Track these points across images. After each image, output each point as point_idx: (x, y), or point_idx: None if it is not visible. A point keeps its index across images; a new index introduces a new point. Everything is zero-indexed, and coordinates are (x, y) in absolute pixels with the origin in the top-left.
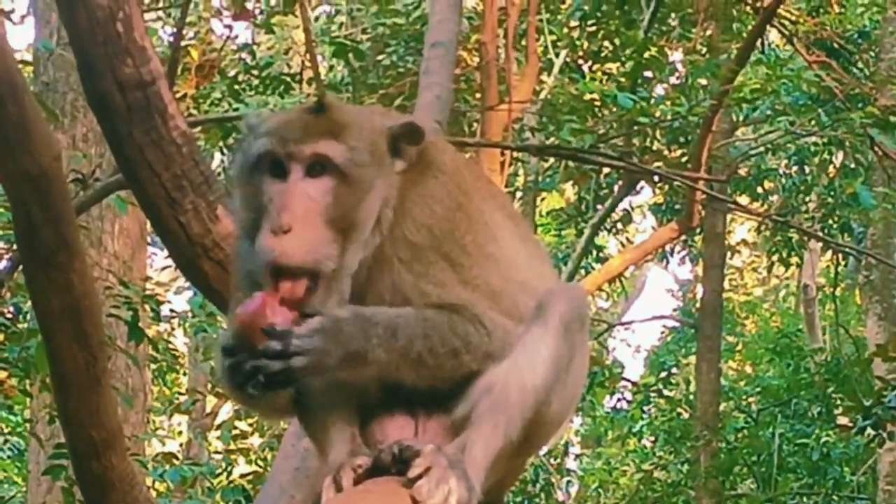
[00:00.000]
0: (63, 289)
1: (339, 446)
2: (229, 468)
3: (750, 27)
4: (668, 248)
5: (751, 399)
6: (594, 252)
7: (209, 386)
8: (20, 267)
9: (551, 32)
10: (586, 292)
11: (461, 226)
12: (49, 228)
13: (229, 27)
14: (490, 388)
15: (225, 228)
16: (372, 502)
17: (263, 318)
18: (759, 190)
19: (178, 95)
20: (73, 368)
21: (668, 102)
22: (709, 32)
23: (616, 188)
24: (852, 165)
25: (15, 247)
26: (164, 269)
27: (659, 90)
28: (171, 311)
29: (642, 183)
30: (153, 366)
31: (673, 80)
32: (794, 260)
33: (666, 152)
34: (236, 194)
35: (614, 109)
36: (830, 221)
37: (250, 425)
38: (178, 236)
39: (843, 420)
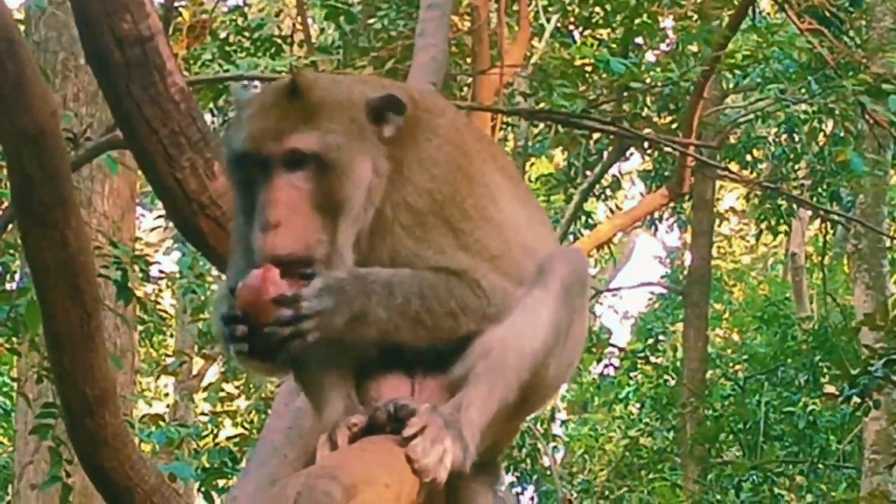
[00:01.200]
0: (58, 245)
1: (334, 404)
2: (216, 430)
3: None
4: (656, 215)
5: (737, 367)
6: (583, 218)
7: (196, 348)
8: (7, 227)
9: None
10: (586, 257)
11: (461, 189)
12: (46, 185)
13: None
14: (488, 350)
15: (221, 185)
16: (367, 461)
17: (266, 290)
18: (749, 158)
19: None
20: (67, 325)
21: (659, 69)
22: None
23: (605, 154)
24: (842, 134)
25: (4, 205)
26: (153, 230)
27: (650, 57)
28: (161, 271)
29: (632, 150)
30: (140, 327)
31: (664, 46)
32: (783, 228)
33: (656, 119)
34: (228, 175)
35: (605, 75)
36: (819, 190)
37: (237, 388)
38: (174, 193)
39: (829, 388)
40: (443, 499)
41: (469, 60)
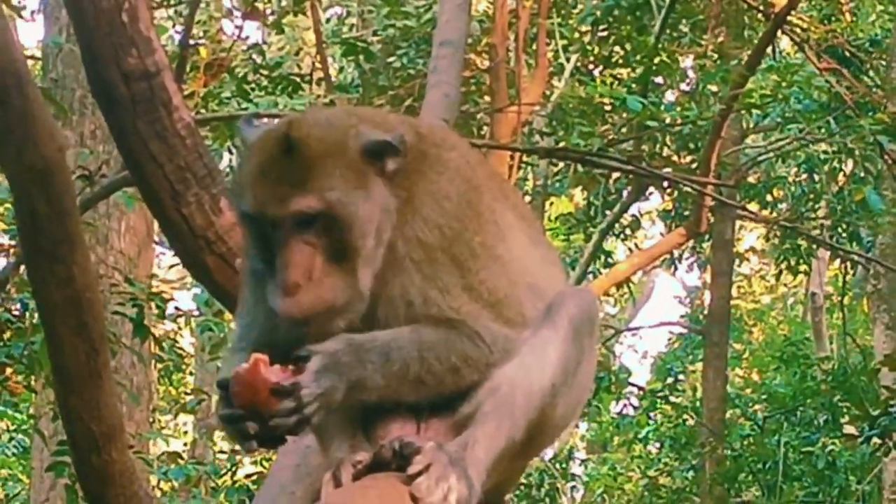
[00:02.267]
0: (65, 281)
1: (339, 442)
2: (234, 468)
3: (761, 34)
4: (676, 254)
5: (757, 406)
6: (602, 257)
7: (214, 385)
8: (22, 265)
9: (562, 36)
10: (596, 296)
11: (471, 225)
12: (52, 220)
13: (239, 27)
14: (496, 388)
15: (228, 221)
16: (371, 498)
17: (261, 380)
18: (769, 197)
19: (186, 93)
20: (73, 361)
21: (678, 108)
22: (720, 39)
23: (625, 193)
24: (862, 174)
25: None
26: (171, 267)
27: (669, 96)
28: (177, 308)
29: (651, 189)
30: (159, 365)
31: (683, 86)
32: (803, 268)
33: (675, 158)
34: (239, 223)
35: (624, 114)
36: (839, 230)
37: None
38: (180, 229)
39: (849, 429)
40: None
41: (487, 98)
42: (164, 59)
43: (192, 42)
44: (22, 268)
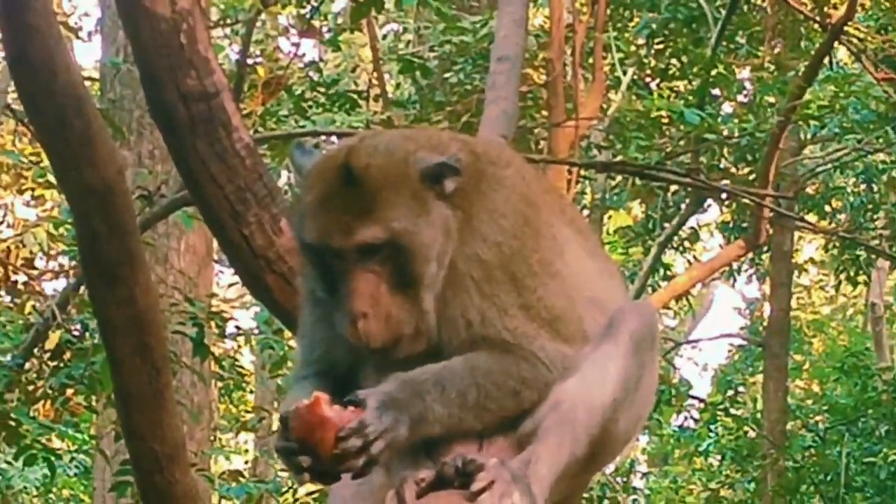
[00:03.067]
0: (126, 302)
1: (402, 460)
2: (295, 486)
3: (818, 45)
4: (735, 266)
5: (818, 418)
6: (661, 270)
7: (275, 403)
8: (83, 284)
9: (618, 50)
10: (657, 311)
11: (529, 242)
12: (113, 241)
13: (296, 45)
14: (558, 404)
15: (288, 241)
16: None
17: (319, 417)
18: (827, 208)
19: (244, 112)
20: (135, 382)
21: (736, 120)
22: (777, 50)
23: (683, 206)
24: None
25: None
26: (231, 286)
27: (726, 108)
28: (237, 328)
29: (709, 201)
30: (219, 383)
31: (741, 97)
32: (862, 278)
33: (733, 170)
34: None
35: (681, 127)
36: None
37: None
38: (241, 249)
39: None
40: None
41: (544, 113)
42: (222, 80)
43: (249, 61)
44: (82, 288)
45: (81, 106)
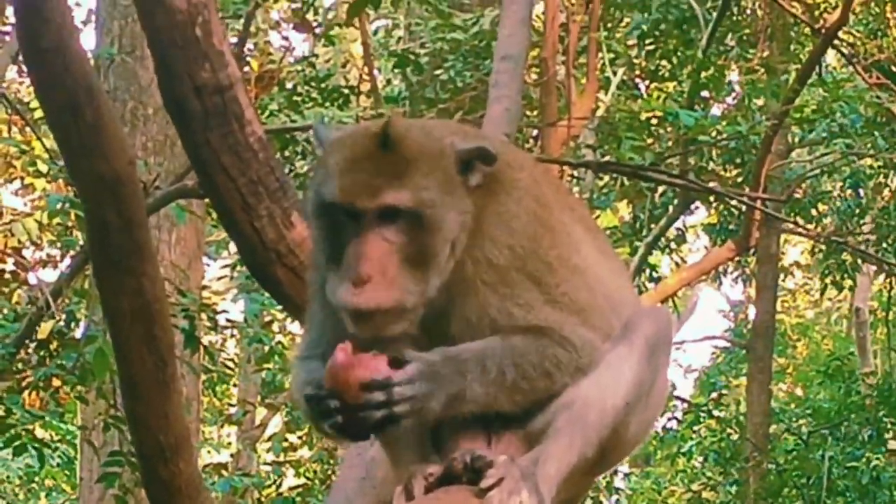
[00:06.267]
0: (135, 292)
1: (410, 454)
2: (279, 480)
3: (808, 48)
4: (720, 268)
5: (801, 421)
6: (647, 271)
7: (259, 397)
8: (77, 274)
9: (609, 50)
10: (671, 315)
11: (544, 241)
12: (122, 232)
13: (288, 39)
14: (570, 404)
15: (299, 234)
16: None
17: (353, 369)
18: (814, 212)
19: None
20: (142, 372)
21: (724, 122)
22: (766, 53)
23: (671, 207)
24: None
25: (72, 252)
26: (219, 279)
27: (716, 110)
28: (228, 320)
29: (696, 203)
30: (204, 376)
31: (730, 100)
32: (847, 283)
33: (722, 172)
34: (311, 220)
35: (671, 128)
36: (885, 244)
37: (300, 438)
38: (252, 242)
39: (893, 444)
40: None
41: (537, 113)
42: (236, 73)
43: (242, 55)
44: (73, 279)
45: (93, 97)
